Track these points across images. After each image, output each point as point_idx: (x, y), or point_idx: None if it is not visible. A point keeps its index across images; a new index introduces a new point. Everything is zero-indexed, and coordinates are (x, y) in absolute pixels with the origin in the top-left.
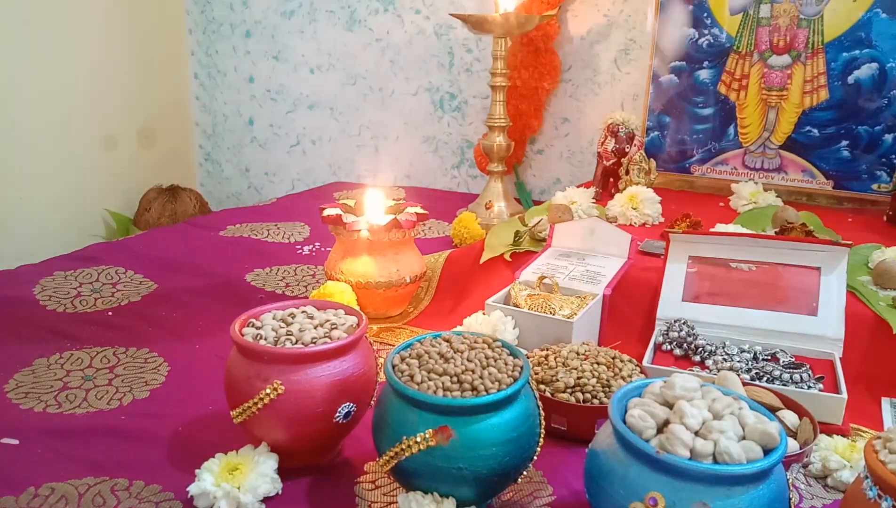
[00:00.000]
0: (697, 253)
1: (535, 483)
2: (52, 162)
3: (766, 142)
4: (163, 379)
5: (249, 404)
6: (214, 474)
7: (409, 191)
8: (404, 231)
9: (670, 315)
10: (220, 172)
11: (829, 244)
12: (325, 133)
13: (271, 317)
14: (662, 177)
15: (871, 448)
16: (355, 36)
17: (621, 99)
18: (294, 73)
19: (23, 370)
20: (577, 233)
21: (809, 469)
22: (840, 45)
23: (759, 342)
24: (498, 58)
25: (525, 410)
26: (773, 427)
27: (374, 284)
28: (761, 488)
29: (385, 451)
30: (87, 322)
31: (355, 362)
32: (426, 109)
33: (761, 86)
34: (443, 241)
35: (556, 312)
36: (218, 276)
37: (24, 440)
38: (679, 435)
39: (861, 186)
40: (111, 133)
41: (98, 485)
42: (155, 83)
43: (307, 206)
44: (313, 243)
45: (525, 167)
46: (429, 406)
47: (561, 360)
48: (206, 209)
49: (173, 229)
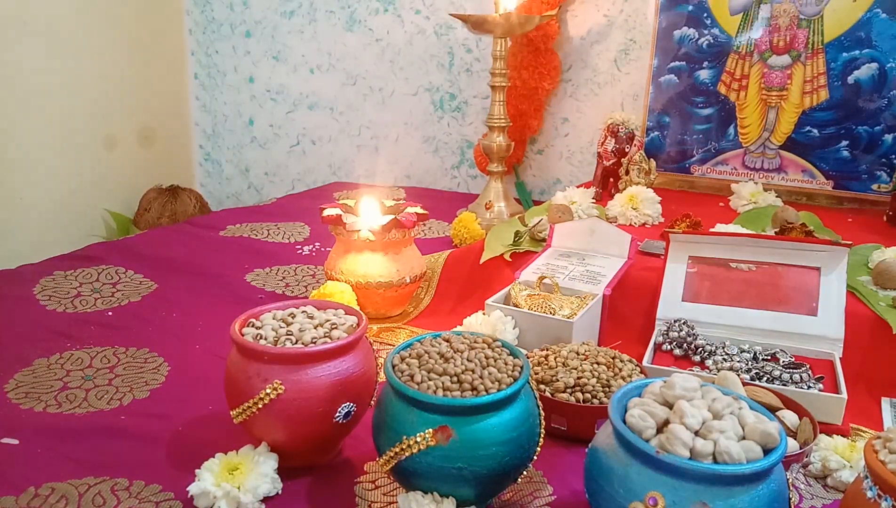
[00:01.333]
0: (697, 253)
1: (535, 483)
2: (52, 162)
3: (766, 143)
4: (163, 379)
5: (249, 404)
6: (214, 474)
7: (409, 191)
8: (404, 231)
9: (670, 315)
10: (220, 172)
11: (829, 244)
12: (325, 133)
13: (271, 317)
14: (662, 177)
15: (870, 448)
16: (355, 36)
17: (621, 99)
18: (294, 73)
19: (23, 370)
20: (577, 233)
21: (809, 469)
22: (840, 45)
23: (759, 342)
24: (498, 58)
25: (525, 410)
26: (773, 427)
27: (374, 284)
28: (761, 488)
29: (385, 451)
30: (87, 322)
31: (355, 362)
32: (426, 109)
33: (761, 87)
34: (443, 241)
35: (556, 312)
36: (218, 276)
37: (24, 440)
38: (679, 435)
39: (861, 186)
40: (111, 133)
41: (98, 485)
42: (155, 83)
43: (307, 206)
44: (313, 243)
45: (525, 167)
46: (429, 406)
47: (561, 360)
48: (206, 209)
49: (173, 229)
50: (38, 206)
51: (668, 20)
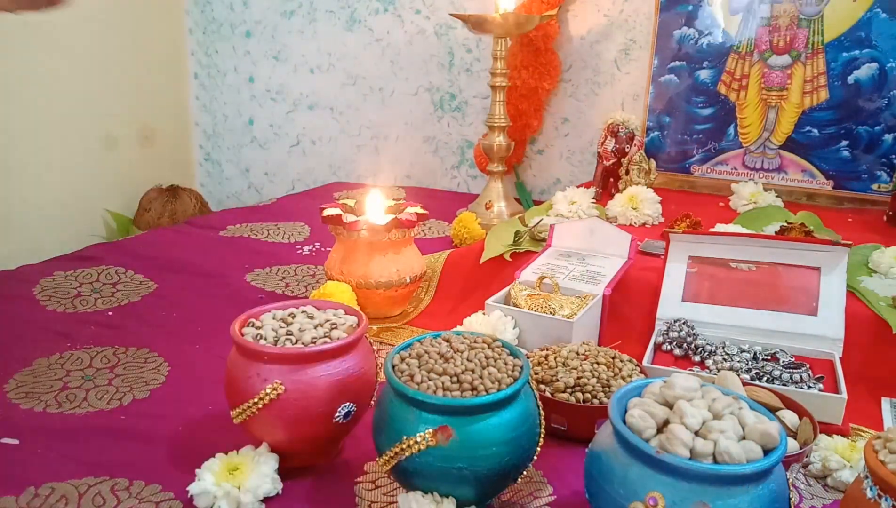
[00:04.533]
0: (697, 253)
1: (535, 483)
2: (52, 162)
3: (766, 142)
4: (163, 379)
5: (249, 404)
6: (214, 474)
7: (409, 191)
8: (404, 231)
9: (670, 315)
10: (220, 172)
11: (829, 244)
12: (325, 133)
13: (271, 317)
14: (662, 177)
15: (870, 448)
16: (355, 36)
17: (621, 99)
18: (294, 73)
19: (23, 370)
20: (577, 233)
21: (809, 469)
22: (840, 45)
23: (759, 342)
24: (498, 58)
25: (525, 410)
26: (773, 427)
27: (374, 284)
28: (761, 488)
29: (385, 451)
30: (87, 322)
31: (355, 362)
32: (426, 109)
33: (761, 86)
34: (443, 241)
35: (556, 312)
36: (218, 276)
37: (24, 440)
38: (679, 435)
39: (861, 186)
40: (111, 133)
41: (98, 485)
42: (155, 83)
43: (307, 206)
44: (313, 243)
45: (525, 167)
46: (429, 406)
47: (561, 360)
48: (206, 209)
49: (173, 229)
50: (38, 206)
51: (668, 20)
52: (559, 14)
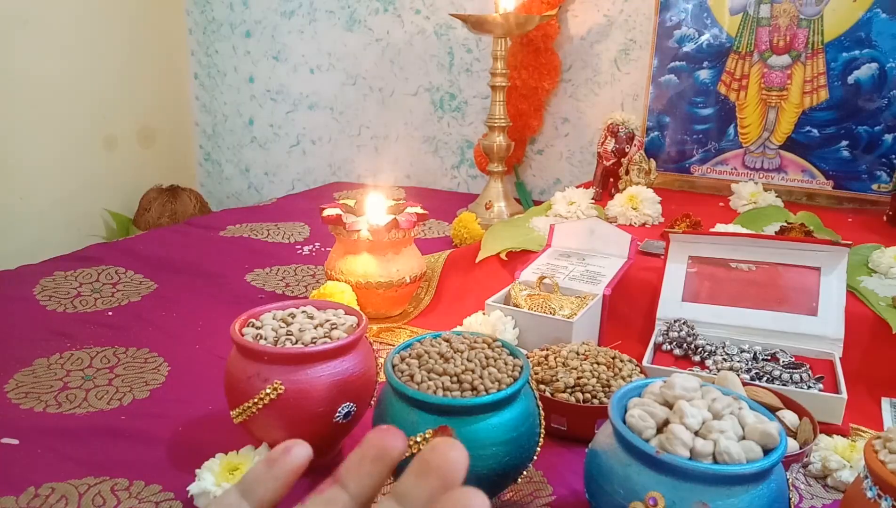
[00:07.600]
0: (697, 253)
1: (535, 483)
2: (52, 162)
3: (766, 143)
4: (163, 379)
5: (249, 404)
6: (214, 474)
7: (409, 191)
8: (404, 231)
9: (670, 315)
10: (220, 172)
11: (829, 244)
12: (325, 133)
13: (271, 317)
14: (662, 177)
15: (870, 448)
16: (355, 36)
17: (621, 99)
18: (294, 73)
19: (23, 370)
20: (577, 233)
21: (809, 469)
22: (840, 45)
23: (759, 342)
24: (498, 58)
25: (525, 410)
26: (773, 427)
27: (374, 284)
28: (761, 488)
29: None
30: (87, 322)
31: (355, 362)
32: (426, 109)
33: (761, 86)
34: (443, 241)
35: (556, 312)
36: (218, 276)
37: (24, 440)
38: (679, 435)
39: (861, 186)
40: (111, 133)
41: (98, 485)
42: (155, 83)
43: (307, 206)
44: (313, 243)
45: (525, 167)
46: (429, 406)
47: (561, 360)
48: (206, 209)
49: (173, 229)
50: (38, 206)
51: (668, 20)
52: (559, 14)
